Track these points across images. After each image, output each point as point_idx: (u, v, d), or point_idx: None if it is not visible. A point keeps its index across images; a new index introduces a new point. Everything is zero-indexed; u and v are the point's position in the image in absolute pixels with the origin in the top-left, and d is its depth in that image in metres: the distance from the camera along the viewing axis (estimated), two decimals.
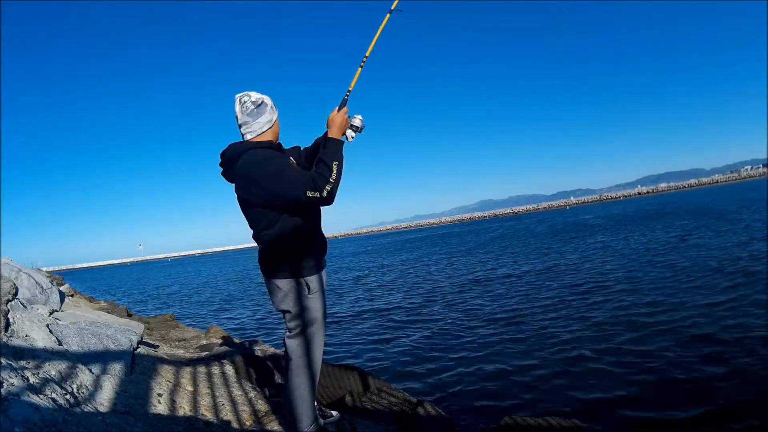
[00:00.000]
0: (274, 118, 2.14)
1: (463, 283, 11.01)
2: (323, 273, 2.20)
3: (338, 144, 2.03)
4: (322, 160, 1.96)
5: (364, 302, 10.22)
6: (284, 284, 2.09)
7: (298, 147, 2.36)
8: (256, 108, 2.07)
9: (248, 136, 2.09)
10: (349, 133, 2.13)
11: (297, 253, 2.08)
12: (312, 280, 2.11)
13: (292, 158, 2.17)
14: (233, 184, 2.15)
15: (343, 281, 14.97)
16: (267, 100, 2.12)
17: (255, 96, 2.09)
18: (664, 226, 18.87)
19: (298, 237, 2.07)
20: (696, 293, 6.88)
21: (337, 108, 2.11)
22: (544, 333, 5.84)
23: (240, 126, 2.09)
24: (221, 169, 2.17)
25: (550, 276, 10.20)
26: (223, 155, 2.12)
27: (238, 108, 2.08)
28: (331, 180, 1.92)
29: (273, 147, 2.11)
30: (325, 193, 1.91)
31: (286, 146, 2.28)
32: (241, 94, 2.10)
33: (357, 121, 2.14)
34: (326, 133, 2.08)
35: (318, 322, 2.13)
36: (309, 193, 1.89)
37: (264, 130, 2.09)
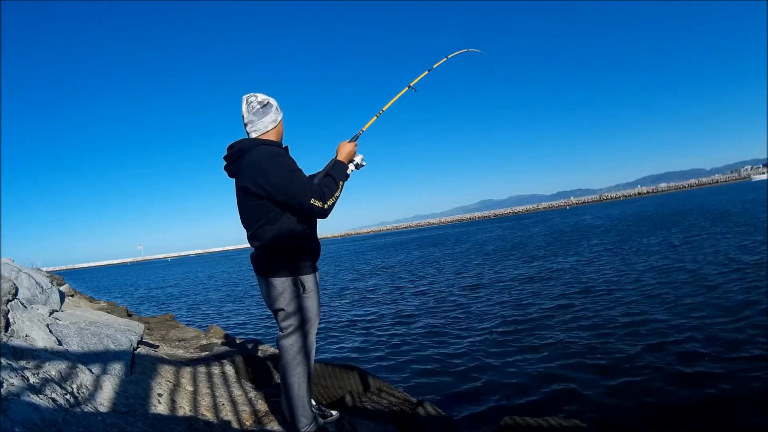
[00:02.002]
0: (279, 119, 2.20)
1: (461, 285, 11.02)
2: (317, 274, 2.24)
3: (345, 167, 2.22)
4: (330, 176, 2.12)
5: (364, 303, 10.22)
6: (280, 283, 2.11)
7: None
8: (261, 108, 2.15)
9: (253, 135, 2.16)
10: (351, 166, 2.32)
11: (294, 252, 2.11)
12: (307, 280, 2.14)
13: None
14: (233, 179, 2.18)
15: (343, 282, 14.98)
16: (272, 101, 2.20)
17: (261, 97, 2.17)
18: (666, 228, 18.86)
19: (297, 236, 2.10)
20: (701, 297, 6.87)
21: (348, 140, 2.33)
22: (544, 334, 5.84)
23: (246, 125, 2.17)
24: (224, 163, 2.20)
25: (549, 279, 10.19)
26: (231, 147, 2.16)
27: (244, 107, 2.16)
28: (335, 195, 2.07)
29: (281, 147, 2.18)
30: (326, 206, 2.02)
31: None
32: (248, 94, 2.17)
33: (359, 158, 2.36)
34: (335, 156, 2.26)
35: (311, 321, 2.16)
36: (313, 201, 1.97)
37: (268, 129, 2.16)
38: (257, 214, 2.09)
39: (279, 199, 2.01)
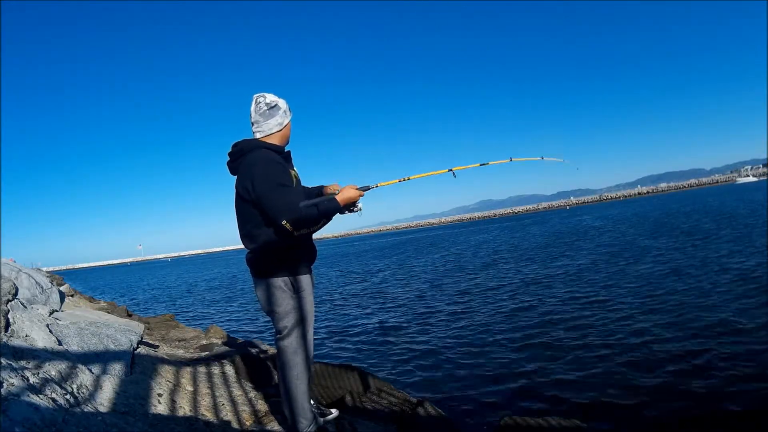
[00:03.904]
0: (285, 122, 2.20)
1: (460, 286, 11.02)
2: (311, 275, 2.25)
3: (337, 208, 2.13)
4: (317, 208, 2.02)
5: (364, 303, 10.23)
6: (274, 283, 2.12)
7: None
8: (269, 109, 2.15)
9: (257, 135, 2.17)
10: (345, 211, 2.23)
11: (287, 253, 2.12)
12: (301, 280, 2.15)
13: (294, 171, 2.21)
14: (234, 177, 2.19)
15: (342, 284, 14.98)
16: (282, 104, 2.19)
17: (270, 98, 2.17)
18: (668, 230, 18.84)
19: (289, 239, 2.09)
20: (703, 297, 6.87)
21: (357, 186, 2.21)
22: (544, 335, 5.84)
23: (252, 124, 2.18)
24: (228, 159, 2.21)
25: (548, 282, 10.16)
26: (234, 146, 2.18)
27: (253, 107, 2.17)
28: (311, 228, 2.06)
29: (282, 153, 2.18)
30: (296, 233, 2.00)
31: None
32: (258, 94, 2.18)
33: (358, 206, 2.25)
34: (335, 194, 2.16)
35: (306, 321, 2.16)
36: (285, 222, 1.94)
37: (273, 131, 2.16)
38: (249, 216, 2.10)
39: (261, 206, 2.02)
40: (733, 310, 5.76)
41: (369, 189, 2.28)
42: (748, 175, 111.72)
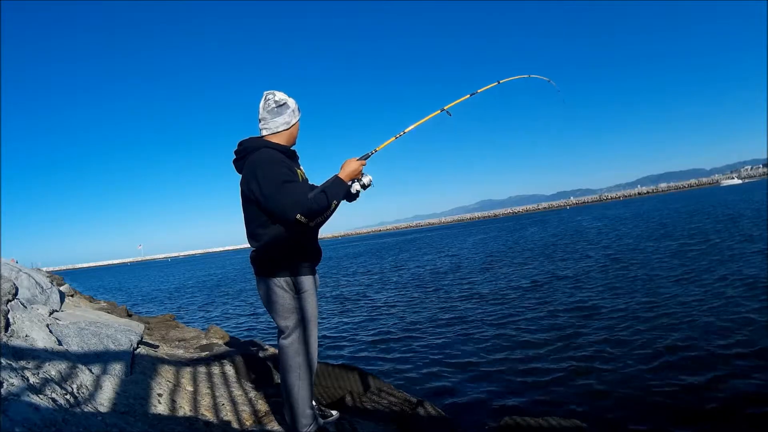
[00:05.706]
0: (293, 121, 2.19)
1: (459, 287, 11.03)
2: (316, 276, 2.24)
3: (344, 186, 2.11)
4: (325, 193, 2.01)
5: (364, 304, 10.23)
6: (277, 283, 2.11)
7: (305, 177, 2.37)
8: (277, 107, 2.14)
9: (264, 133, 2.16)
10: (356, 185, 2.18)
11: (291, 253, 2.11)
12: (305, 281, 2.13)
13: (300, 170, 2.20)
14: (240, 176, 2.19)
15: (343, 283, 14.98)
16: (291, 103, 2.18)
17: (279, 96, 2.16)
18: (668, 231, 18.80)
19: (293, 239, 2.09)
20: (705, 301, 6.86)
21: (357, 158, 2.18)
22: (544, 335, 5.84)
23: (259, 121, 2.17)
24: (234, 157, 2.21)
25: (548, 285, 10.17)
26: (240, 144, 2.18)
27: (261, 103, 2.16)
28: (325, 215, 2.05)
29: (287, 152, 2.16)
30: (312, 224, 2.00)
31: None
32: (268, 91, 2.18)
33: (366, 179, 2.20)
34: (338, 173, 2.13)
35: (309, 322, 2.15)
36: (299, 216, 1.93)
37: (279, 130, 2.16)
38: (253, 215, 2.10)
39: (264, 207, 2.01)
40: (734, 312, 5.76)
41: (369, 156, 2.23)
42: (732, 178, 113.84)
